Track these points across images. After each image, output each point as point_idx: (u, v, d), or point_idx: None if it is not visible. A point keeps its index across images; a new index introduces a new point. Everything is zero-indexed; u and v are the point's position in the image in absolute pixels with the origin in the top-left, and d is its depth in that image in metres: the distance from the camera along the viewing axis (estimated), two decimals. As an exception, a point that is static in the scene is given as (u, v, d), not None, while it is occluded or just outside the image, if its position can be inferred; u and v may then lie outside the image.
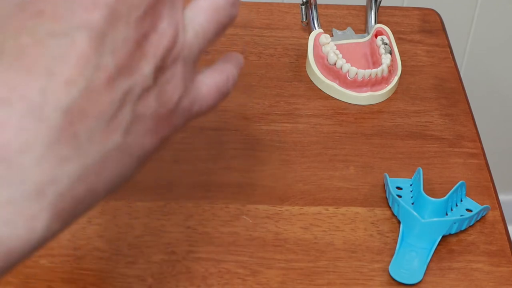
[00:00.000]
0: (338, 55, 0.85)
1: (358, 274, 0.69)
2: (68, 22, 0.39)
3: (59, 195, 0.39)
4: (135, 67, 0.41)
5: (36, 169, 0.38)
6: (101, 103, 0.40)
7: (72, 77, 0.39)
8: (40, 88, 0.38)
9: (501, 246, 0.72)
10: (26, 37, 0.39)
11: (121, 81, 0.41)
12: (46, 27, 0.39)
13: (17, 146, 0.37)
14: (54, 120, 0.38)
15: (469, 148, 0.81)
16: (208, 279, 0.68)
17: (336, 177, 0.77)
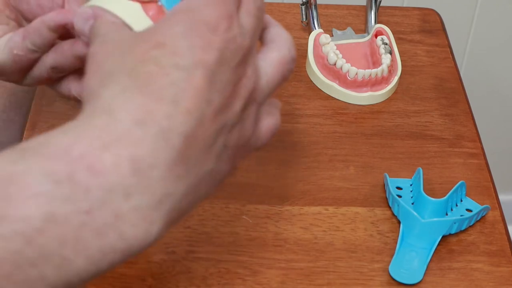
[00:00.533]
0: (338, 55, 0.85)
1: (358, 274, 0.69)
2: (188, 58, 0.46)
3: (172, 207, 0.45)
4: (230, 105, 0.48)
5: (160, 183, 0.44)
6: (207, 133, 0.46)
7: (191, 108, 0.45)
8: (168, 114, 0.44)
9: (501, 246, 0.72)
10: (153, 66, 0.46)
11: (221, 115, 0.47)
12: (170, 59, 0.46)
13: (149, 162, 0.44)
14: (176, 143, 0.45)
15: (469, 148, 0.81)
16: (208, 279, 0.68)
17: (336, 177, 0.77)
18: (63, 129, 0.45)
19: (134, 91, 0.45)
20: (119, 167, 0.43)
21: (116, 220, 0.43)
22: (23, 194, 0.42)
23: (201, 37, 0.47)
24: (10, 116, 0.92)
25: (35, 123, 0.80)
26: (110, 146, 0.43)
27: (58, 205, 0.42)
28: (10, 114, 0.92)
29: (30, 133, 0.79)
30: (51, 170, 0.43)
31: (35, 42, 0.59)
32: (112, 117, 0.44)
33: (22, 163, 0.43)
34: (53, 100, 0.82)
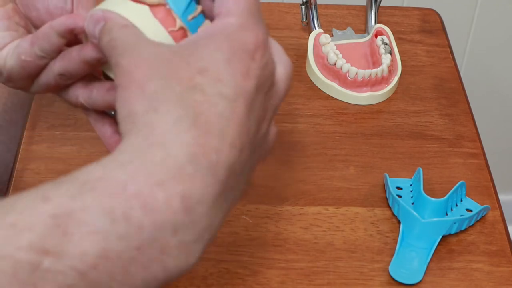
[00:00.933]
0: (338, 55, 0.85)
1: (358, 274, 0.69)
2: (231, 86, 0.47)
3: (211, 236, 0.48)
4: (260, 129, 0.50)
5: (205, 217, 0.46)
6: (243, 160, 0.48)
7: (235, 139, 0.47)
8: (216, 148, 0.46)
9: (501, 246, 0.72)
10: (200, 94, 0.46)
11: (253, 142, 0.49)
12: (214, 87, 0.47)
13: (198, 198, 0.45)
14: (221, 177, 0.46)
15: (469, 148, 0.81)
16: (208, 279, 0.68)
17: (336, 177, 0.77)
18: (119, 161, 0.46)
19: (186, 122, 0.46)
20: (171, 205, 0.45)
21: (161, 254, 0.46)
22: (82, 231, 0.43)
23: (242, 64, 0.48)
24: (12, 117, 0.92)
25: (35, 123, 0.80)
26: (164, 183, 0.44)
27: (112, 242, 0.44)
28: (12, 115, 0.92)
29: (30, 133, 0.79)
30: (108, 208, 0.44)
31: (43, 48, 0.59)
32: (167, 152, 0.45)
33: (81, 199, 0.44)
34: (53, 100, 0.82)
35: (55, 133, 0.79)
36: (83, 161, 0.77)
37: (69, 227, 0.43)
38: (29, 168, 0.75)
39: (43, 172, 0.75)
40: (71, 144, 0.78)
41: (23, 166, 0.75)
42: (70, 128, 0.79)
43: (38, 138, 0.78)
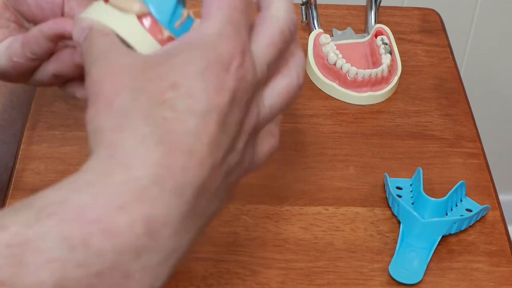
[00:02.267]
0: (338, 55, 0.85)
1: (358, 274, 0.69)
2: (203, 102, 0.45)
3: (178, 258, 0.46)
4: (235, 144, 0.47)
5: (170, 240, 0.44)
6: (215, 178, 0.46)
7: (204, 157, 0.45)
8: (183, 167, 0.44)
9: (501, 246, 0.72)
10: (169, 111, 0.44)
11: (228, 158, 0.47)
12: (185, 103, 0.45)
13: (162, 220, 0.43)
14: (189, 197, 0.44)
15: (469, 148, 0.81)
16: (208, 279, 0.68)
17: (336, 177, 0.77)
18: (82, 182, 0.45)
19: (152, 141, 0.44)
20: (133, 228, 0.43)
21: (124, 279, 0.44)
22: (38, 260, 0.42)
23: (215, 77, 0.46)
24: (12, 116, 0.92)
25: (35, 123, 0.80)
26: (126, 206, 0.43)
27: (70, 270, 0.42)
28: (11, 114, 0.92)
29: (30, 133, 0.79)
30: (67, 235, 0.42)
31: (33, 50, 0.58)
32: (131, 173, 0.44)
33: (38, 226, 0.42)
34: (53, 100, 0.82)
35: (55, 133, 0.79)
36: (83, 161, 0.76)
37: (25, 257, 0.42)
38: (29, 168, 0.75)
39: (43, 172, 0.75)
40: (71, 144, 0.78)
41: (23, 166, 0.75)
42: (70, 128, 0.79)
43: (38, 138, 0.78)
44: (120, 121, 0.45)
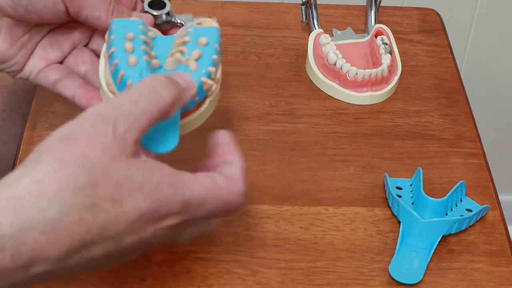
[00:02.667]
0: (338, 55, 0.85)
1: (358, 274, 0.69)
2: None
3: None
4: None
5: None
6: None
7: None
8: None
9: (501, 246, 0.72)
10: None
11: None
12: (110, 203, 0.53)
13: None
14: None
15: (469, 148, 0.81)
16: (208, 279, 0.68)
17: (336, 177, 0.77)
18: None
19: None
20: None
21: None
22: None
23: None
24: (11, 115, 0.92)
25: (35, 123, 0.80)
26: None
27: None
28: (11, 113, 0.92)
29: (30, 133, 0.79)
30: None
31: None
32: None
33: None
34: (53, 100, 0.82)
35: (55, 133, 0.79)
36: (83, 161, 0.77)
37: None
38: (29, 168, 0.75)
39: (43, 172, 0.75)
40: (71, 144, 0.78)
41: (23, 166, 0.75)
42: (70, 128, 0.79)
43: (38, 138, 0.78)
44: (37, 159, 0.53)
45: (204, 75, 0.64)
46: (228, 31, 0.91)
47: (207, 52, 0.65)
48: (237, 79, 0.86)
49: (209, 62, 0.65)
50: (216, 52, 0.66)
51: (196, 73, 0.64)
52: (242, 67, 0.87)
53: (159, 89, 0.57)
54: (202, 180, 0.57)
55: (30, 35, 0.71)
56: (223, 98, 0.84)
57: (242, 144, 0.79)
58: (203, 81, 0.64)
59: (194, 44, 0.66)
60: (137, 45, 0.65)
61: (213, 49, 0.66)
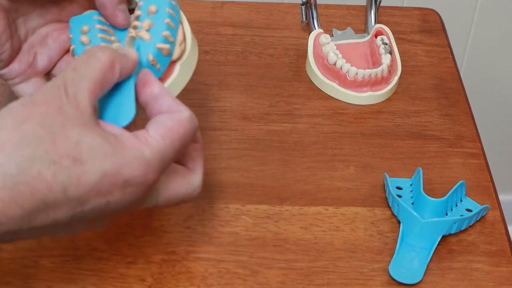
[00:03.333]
0: (338, 55, 0.85)
1: (358, 274, 0.69)
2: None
3: None
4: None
5: None
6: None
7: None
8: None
9: (501, 246, 0.72)
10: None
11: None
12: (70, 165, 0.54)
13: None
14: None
15: (469, 148, 0.81)
16: (208, 279, 0.68)
17: (336, 177, 0.77)
18: None
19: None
20: None
21: None
22: None
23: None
24: None
25: (35, 123, 0.79)
26: None
27: None
28: None
29: (30, 133, 0.79)
30: None
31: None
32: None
33: None
34: (53, 100, 0.82)
35: (55, 133, 0.79)
36: (83, 161, 0.77)
37: None
38: (29, 168, 0.75)
39: (43, 172, 0.75)
40: (71, 144, 0.78)
41: (23, 166, 0.75)
42: (70, 128, 0.79)
43: (38, 138, 0.78)
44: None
45: (159, 41, 0.64)
46: (228, 31, 0.91)
47: (158, 19, 0.65)
48: (237, 79, 0.86)
49: (161, 28, 0.64)
50: (168, 15, 0.65)
51: (151, 42, 0.64)
52: (242, 67, 0.87)
53: (94, 52, 0.59)
54: (154, 132, 0.58)
55: (25, 26, 0.70)
56: (223, 98, 0.84)
57: (242, 144, 0.79)
58: (159, 47, 0.64)
59: (145, 15, 0.66)
60: (93, 36, 0.66)
61: (164, 14, 0.65)
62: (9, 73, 0.69)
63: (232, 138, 0.80)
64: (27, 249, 0.69)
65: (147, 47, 0.64)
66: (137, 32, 0.65)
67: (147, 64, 0.63)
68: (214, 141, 0.79)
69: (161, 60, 0.64)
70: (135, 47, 0.64)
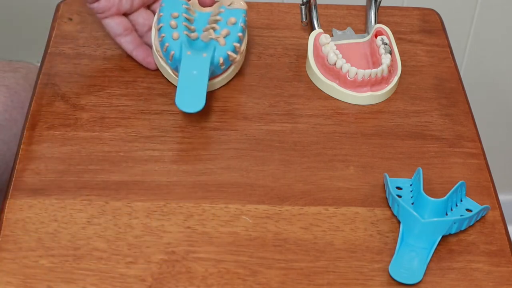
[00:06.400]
0: (338, 55, 0.85)
1: (358, 274, 0.69)
2: None
3: None
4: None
5: None
6: None
7: None
8: None
9: (501, 246, 0.72)
10: None
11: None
12: None
13: None
14: None
15: (469, 148, 0.81)
16: (208, 279, 0.68)
17: (336, 177, 0.77)
18: None
19: None
20: None
21: None
22: None
23: None
24: (13, 115, 0.92)
25: (35, 123, 0.80)
26: None
27: None
28: (12, 113, 0.92)
29: (30, 133, 0.79)
30: None
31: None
32: None
33: None
34: (53, 100, 0.82)
35: (55, 133, 0.79)
36: (83, 161, 0.77)
37: None
38: (29, 168, 0.75)
39: (43, 172, 0.75)
40: (71, 144, 0.78)
41: (23, 166, 0.75)
42: (70, 128, 0.79)
43: (38, 138, 0.78)
44: None
45: (230, 49, 0.82)
46: (228, 31, 0.91)
47: (234, 30, 0.82)
48: (237, 79, 0.86)
49: (235, 38, 0.82)
50: (241, 30, 0.83)
51: (224, 47, 0.81)
52: (242, 67, 0.87)
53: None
54: None
55: None
56: (223, 98, 0.84)
57: (242, 144, 0.79)
58: (229, 54, 0.81)
59: (224, 23, 0.82)
60: (180, 22, 0.82)
61: (239, 28, 0.82)
62: (98, 7, 0.83)
63: (232, 138, 0.80)
64: (27, 249, 0.69)
65: (220, 50, 0.81)
66: (216, 36, 0.81)
67: (217, 63, 0.81)
68: (214, 141, 0.79)
69: (226, 63, 0.82)
70: (211, 47, 0.81)
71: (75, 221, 0.71)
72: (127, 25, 0.85)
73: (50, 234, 0.70)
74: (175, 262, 0.69)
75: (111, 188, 0.74)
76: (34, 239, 0.69)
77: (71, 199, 0.73)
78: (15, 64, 0.98)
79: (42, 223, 0.71)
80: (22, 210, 0.72)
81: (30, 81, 0.95)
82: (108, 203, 0.73)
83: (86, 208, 0.72)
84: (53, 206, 0.72)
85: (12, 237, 0.70)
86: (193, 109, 0.78)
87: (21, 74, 0.96)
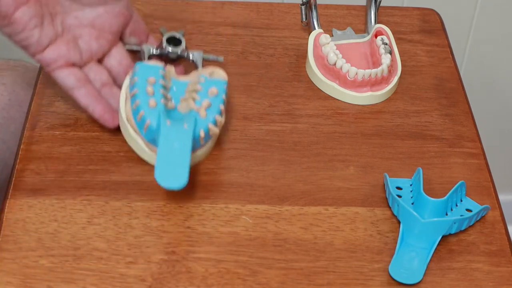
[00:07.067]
0: (338, 55, 0.85)
1: (358, 274, 0.69)
2: None
3: None
4: None
5: None
6: None
7: None
8: None
9: (501, 246, 0.72)
10: None
11: None
12: None
13: None
14: None
15: (469, 148, 0.81)
16: (208, 279, 0.68)
17: (336, 177, 0.77)
18: None
19: None
20: None
21: None
22: None
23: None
24: (11, 114, 0.92)
25: (35, 123, 0.80)
26: None
27: None
28: (10, 112, 0.92)
29: (30, 133, 0.79)
30: None
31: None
32: None
33: None
34: (53, 100, 0.82)
35: (55, 133, 0.79)
36: (83, 161, 0.77)
37: None
38: (29, 168, 0.75)
39: (43, 172, 0.75)
40: (71, 144, 0.78)
41: (23, 166, 0.75)
42: (70, 128, 0.79)
43: (38, 138, 0.78)
44: None
45: (211, 121, 0.74)
46: (228, 31, 0.91)
47: (215, 102, 0.75)
48: (237, 79, 0.86)
49: (216, 110, 0.75)
50: (223, 102, 0.75)
51: (205, 120, 0.74)
52: (242, 67, 0.87)
53: None
54: None
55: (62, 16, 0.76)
56: (223, 98, 0.84)
57: (242, 144, 0.79)
58: (210, 127, 0.74)
59: (205, 93, 0.75)
60: (157, 89, 0.74)
61: (221, 99, 0.75)
62: (43, 59, 0.75)
63: (232, 138, 0.80)
64: (27, 249, 0.69)
65: (201, 123, 0.74)
66: (197, 106, 0.74)
67: (198, 136, 0.73)
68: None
69: (206, 137, 0.75)
70: (192, 118, 0.73)
71: (75, 221, 0.71)
72: (80, 76, 0.77)
73: (50, 234, 0.70)
74: (175, 262, 0.69)
75: (111, 188, 0.74)
76: (34, 239, 0.69)
77: (71, 199, 0.73)
78: (13, 62, 0.98)
79: (42, 223, 0.71)
80: (22, 210, 0.72)
81: (28, 79, 0.95)
82: (108, 203, 0.73)
83: (86, 208, 0.72)
84: (53, 206, 0.72)
85: (12, 237, 0.70)
86: (176, 184, 0.69)
87: (18, 72, 0.96)
